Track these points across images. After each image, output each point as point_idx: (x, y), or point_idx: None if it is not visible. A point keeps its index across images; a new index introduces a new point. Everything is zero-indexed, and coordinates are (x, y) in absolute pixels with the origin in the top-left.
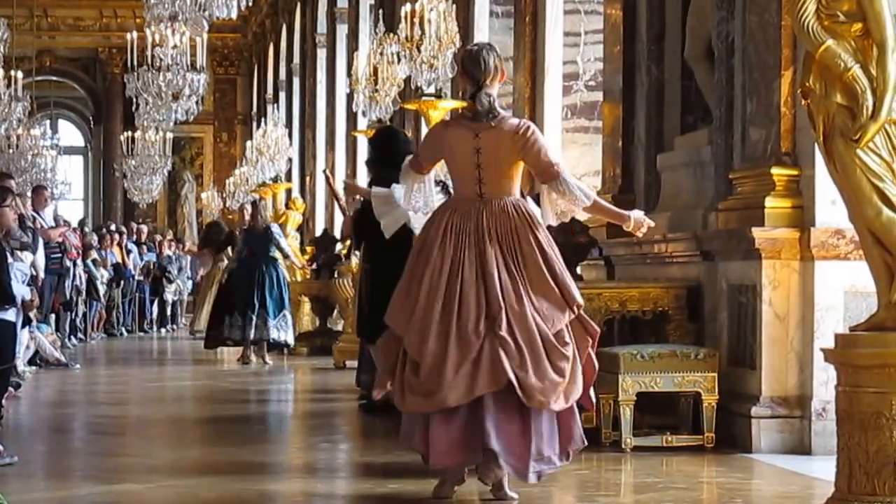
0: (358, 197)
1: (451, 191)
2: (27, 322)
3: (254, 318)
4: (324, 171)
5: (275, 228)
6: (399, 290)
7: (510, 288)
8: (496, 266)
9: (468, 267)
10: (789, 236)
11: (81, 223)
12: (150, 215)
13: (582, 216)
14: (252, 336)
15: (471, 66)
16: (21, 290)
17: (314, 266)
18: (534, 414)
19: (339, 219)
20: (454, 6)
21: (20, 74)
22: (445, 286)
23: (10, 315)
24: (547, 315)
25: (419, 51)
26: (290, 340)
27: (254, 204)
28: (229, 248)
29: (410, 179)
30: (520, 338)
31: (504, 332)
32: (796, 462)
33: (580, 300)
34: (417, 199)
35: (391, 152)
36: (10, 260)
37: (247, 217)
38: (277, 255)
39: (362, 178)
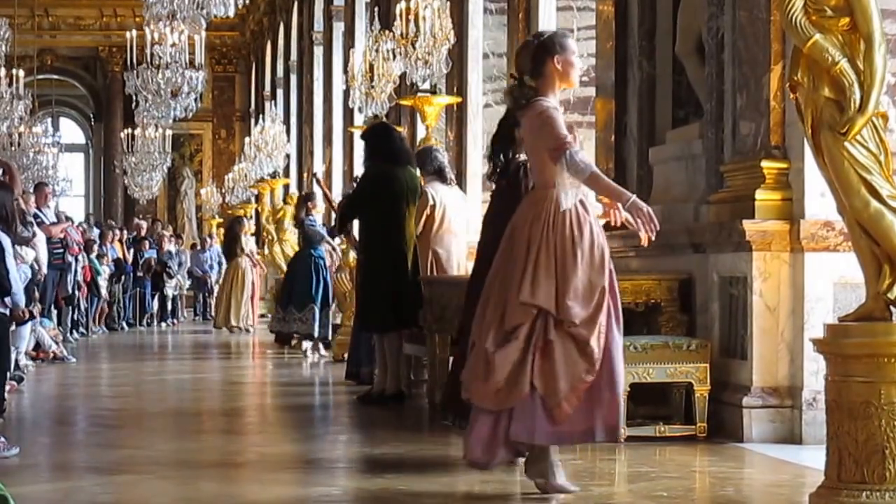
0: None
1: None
2: (30, 318)
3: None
4: (313, 175)
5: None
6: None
7: None
8: None
9: None
10: (779, 228)
11: (89, 220)
12: (150, 211)
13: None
14: (293, 329)
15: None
16: (17, 297)
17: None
18: None
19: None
20: (448, 3)
21: (22, 73)
22: None
23: (4, 308)
24: None
25: (414, 48)
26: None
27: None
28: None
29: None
30: None
31: None
32: (787, 451)
33: None
34: None
35: (385, 147)
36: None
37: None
38: (324, 247)
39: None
